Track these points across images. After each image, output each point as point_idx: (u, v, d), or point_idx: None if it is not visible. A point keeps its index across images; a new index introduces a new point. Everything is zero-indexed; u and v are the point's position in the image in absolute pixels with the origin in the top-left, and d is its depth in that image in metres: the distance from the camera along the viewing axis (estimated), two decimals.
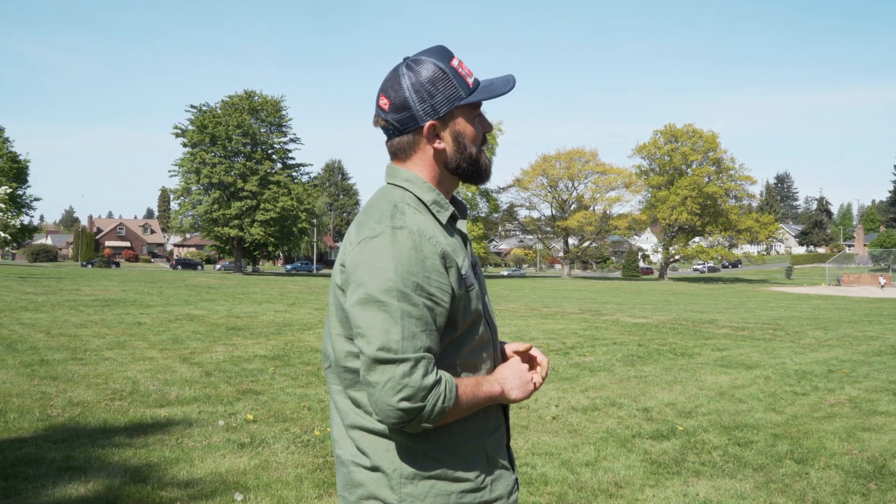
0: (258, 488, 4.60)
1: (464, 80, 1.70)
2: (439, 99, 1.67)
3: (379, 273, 1.53)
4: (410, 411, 1.49)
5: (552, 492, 4.72)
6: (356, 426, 1.67)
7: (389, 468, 1.61)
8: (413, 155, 1.73)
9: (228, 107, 68.05)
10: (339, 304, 1.65)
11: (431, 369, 1.52)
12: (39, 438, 5.58)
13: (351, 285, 1.58)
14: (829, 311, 26.10)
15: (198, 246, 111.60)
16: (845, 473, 5.26)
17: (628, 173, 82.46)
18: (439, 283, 1.57)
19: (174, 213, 71.31)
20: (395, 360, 1.49)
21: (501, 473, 1.74)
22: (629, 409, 7.30)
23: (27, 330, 12.54)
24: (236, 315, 17.10)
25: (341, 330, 1.66)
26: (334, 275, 1.67)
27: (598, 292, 42.43)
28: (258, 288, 33.43)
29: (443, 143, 1.71)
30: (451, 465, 1.64)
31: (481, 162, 1.76)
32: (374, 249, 1.56)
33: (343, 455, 1.71)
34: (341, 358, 1.67)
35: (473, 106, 1.74)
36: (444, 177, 1.75)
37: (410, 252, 1.55)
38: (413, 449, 1.61)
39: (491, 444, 1.73)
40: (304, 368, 9.27)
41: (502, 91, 1.72)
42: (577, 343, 13.03)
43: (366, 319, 1.53)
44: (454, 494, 1.63)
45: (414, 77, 1.68)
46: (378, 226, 1.60)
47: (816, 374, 9.91)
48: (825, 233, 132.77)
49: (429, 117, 1.68)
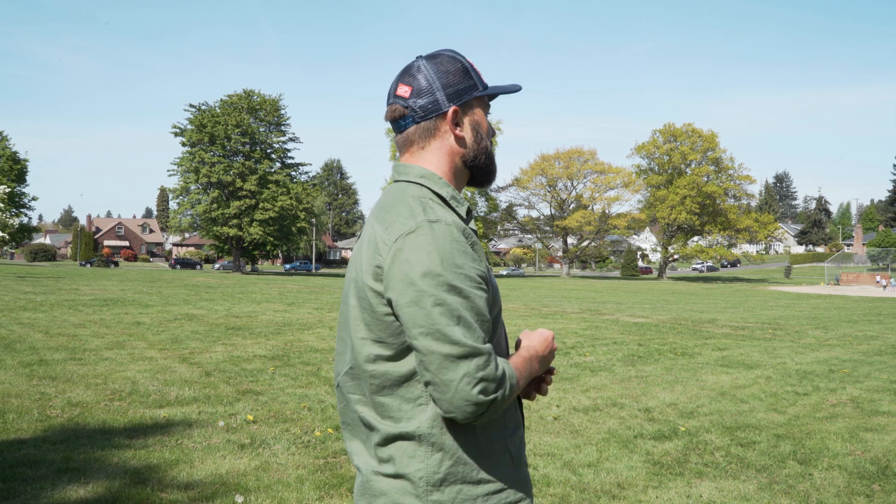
0: (259, 490, 4.57)
1: (479, 75, 1.75)
2: (462, 87, 1.70)
3: (426, 268, 1.50)
4: (485, 403, 1.48)
5: (555, 493, 4.69)
6: (382, 434, 1.62)
7: (416, 476, 1.57)
8: (432, 142, 1.71)
9: (227, 106, 68.04)
10: (368, 307, 1.60)
11: (495, 359, 1.51)
12: (38, 439, 5.55)
13: (397, 284, 1.53)
14: (829, 311, 26.10)
15: (197, 245, 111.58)
16: (849, 474, 5.24)
17: (627, 173, 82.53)
18: (480, 271, 1.56)
19: (173, 213, 71.26)
20: (467, 354, 1.47)
21: (525, 473, 1.73)
22: (630, 410, 7.27)
23: (26, 330, 12.50)
24: (235, 315, 17.07)
25: (367, 333, 1.61)
26: (361, 275, 1.62)
27: (598, 292, 42.44)
28: (257, 287, 33.41)
29: (463, 131, 1.72)
30: (476, 467, 1.61)
31: (492, 155, 1.78)
32: (415, 246, 1.53)
33: (362, 465, 1.66)
34: (367, 362, 1.61)
35: (486, 104, 1.78)
36: (457, 171, 1.74)
37: (452, 244, 1.53)
38: (441, 454, 1.58)
39: (513, 443, 1.71)
40: (304, 368, 9.24)
41: (512, 90, 1.78)
42: (577, 343, 13.00)
43: (425, 317, 1.49)
44: (480, 498, 1.60)
45: (436, 66, 1.70)
46: (411, 221, 1.56)
47: (817, 373, 9.89)
48: (824, 232, 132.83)
49: (452, 102, 1.69)
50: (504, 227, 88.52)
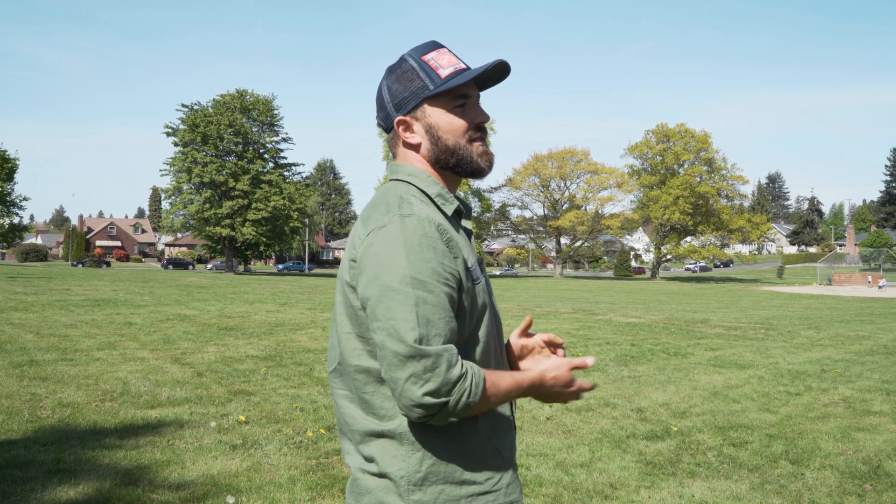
0: (250, 490, 4.55)
1: (434, 71, 1.66)
2: (407, 94, 1.67)
3: (392, 262, 1.49)
4: (435, 406, 1.45)
5: (547, 493, 4.69)
6: (365, 431, 1.61)
7: (398, 475, 1.56)
8: (399, 149, 1.74)
9: (220, 106, 67.82)
10: (347, 302, 1.60)
11: (455, 361, 1.47)
12: (29, 440, 5.52)
13: (364, 279, 1.54)
14: (821, 311, 26.19)
15: (189, 245, 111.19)
16: (840, 474, 5.25)
17: (620, 173, 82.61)
18: (451, 268, 1.54)
19: (165, 213, 71.06)
20: (415, 354, 1.44)
21: (515, 476, 1.70)
22: (623, 410, 7.27)
23: (17, 330, 12.44)
24: (228, 315, 17.03)
25: (351, 328, 1.60)
26: (342, 271, 1.63)
27: (591, 292, 42.49)
28: (250, 288, 33.33)
29: (417, 137, 1.70)
30: (460, 468, 1.58)
31: (462, 152, 1.69)
32: (384, 239, 1.53)
33: (351, 462, 1.66)
34: (352, 356, 1.61)
35: (455, 96, 1.68)
36: (436, 172, 1.72)
37: (422, 238, 1.51)
38: (422, 454, 1.56)
39: (504, 445, 1.68)
40: (297, 369, 9.22)
41: (475, 75, 1.65)
42: (570, 343, 13.01)
43: (384, 312, 1.48)
44: (464, 499, 1.58)
45: (389, 77, 1.71)
46: (385, 217, 1.56)
47: (810, 373, 9.91)
48: (816, 232, 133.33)
49: (398, 113, 1.69)
50: (497, 227, 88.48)
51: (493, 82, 1.73)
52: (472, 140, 1.70)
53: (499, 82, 1.74)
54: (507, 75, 1.71)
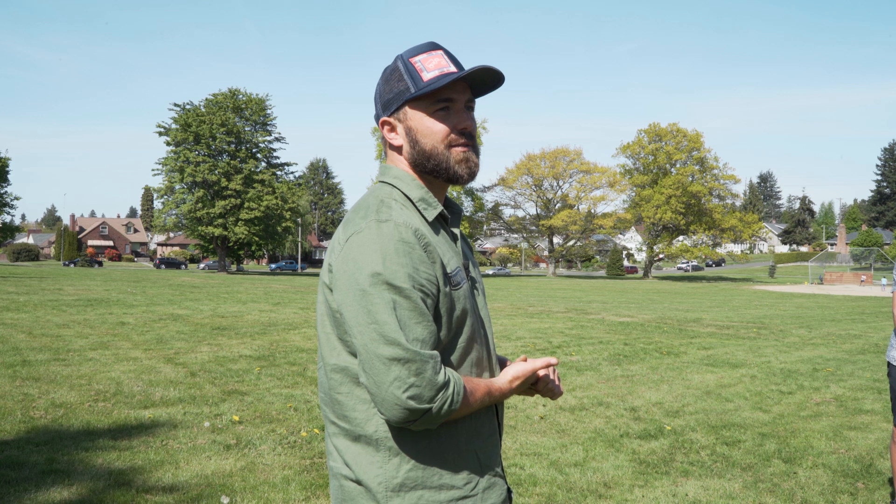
0: (244, 490, 4.54)
1: (418, 73, 1.62)
2: (391, 95, 1.67)
3: (367, 268, 1.48)
4: (418, 410, 1.44)
5: (541, 493, 4.70)
6: (339, 434, 1.60)
7: (374, 482, 1.54)
8: (387, 152, 1.75)
9: (213, 105, 67.69)
10: (327, 303, 1.60)
11: (440, 368, 1.47)
12: (22, 441, 5.50)
13: (341, 283, 1.53)
14: (813, 310, 26.29)
15: (181, 245, 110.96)
16: (833, 472, 5.28)
17: (613, 172, 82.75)
18: (428, 274, 1.52)
19: (157, 212, 70.88)
20: (399, 357, 1.43)
21: (495, 481, 1.67)
22: (617, 409, 7.29)
23: (9, 330, 12.39)
24: (221, 315, 16.99)
25: (332, 328, 1.60)
26: (323, 274, 1.63)
27: (583, 291, 42.54)
28: (243, 287, 33.27)
29: (399, 139, 1.69)
30: (439, 473, 1.57)
31: (439, 157, 1.64)
32: (359, 244, 1.52)
33: (334, 466, 1.64)
34: (331, 356, 1.60)
35: (436, 100, 1.63)
36: (421, 176, 1.70)
37: (398, 244, 1.50)
38: (398, 459, 1.55)
39: (484, 449, 1.66)
40: (290, 368, 9.20)
41: (453, 79, 1.60)
42: (563, 342, 13.03)
43: (364, 316, 1.47)
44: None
45: (382, 75, 1.72)
46: (363, 221, 1.56)
47: (802, 372, 9.96)
48: (808, 232, 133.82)
49: (384, 113, 1.70)
50: (490, 226, 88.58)
51: (488, 88, 1.69)
52: (452, 146, 1.64)
53: (494, 89, 1.70)
54: (501, 82, 1.67)
